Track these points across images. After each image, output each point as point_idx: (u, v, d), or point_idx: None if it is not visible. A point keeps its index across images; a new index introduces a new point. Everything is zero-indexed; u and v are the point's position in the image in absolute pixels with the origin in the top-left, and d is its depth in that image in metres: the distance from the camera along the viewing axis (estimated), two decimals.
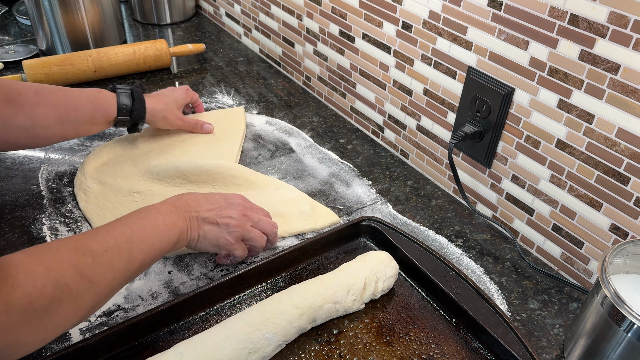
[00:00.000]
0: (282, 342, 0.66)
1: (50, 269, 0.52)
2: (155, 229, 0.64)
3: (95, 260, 0.56)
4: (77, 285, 0.54)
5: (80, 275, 0.55)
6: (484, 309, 0.71)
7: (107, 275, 0.57)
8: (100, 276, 0.57)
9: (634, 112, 0.66)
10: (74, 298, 0.54)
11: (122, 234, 0.60)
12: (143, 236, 0.62)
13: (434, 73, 0.91)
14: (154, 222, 0.65)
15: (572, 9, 0.68)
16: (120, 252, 0.59)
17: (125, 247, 0.60)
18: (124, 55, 1.20)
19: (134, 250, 0.61)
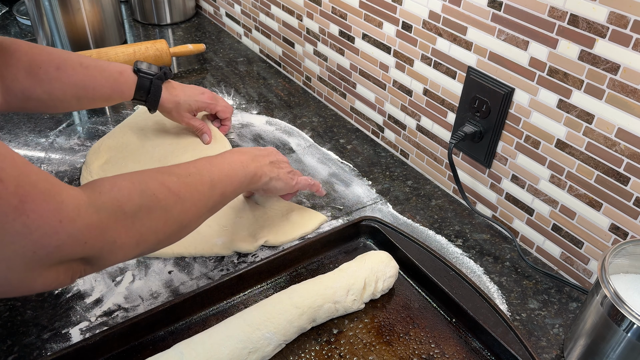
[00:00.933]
0: (282, 341, 0.66)
1: (135, 182, 0.57)
2: (231, 164, 0.70)
3: (180, 180, 0.61)
4: (165, 197, 0.58)
5: (167, 189, 0.59)
6: (484, 309, 0.71)
7: (193, 195, 0.62)
8: (187, 193, 0.61)
9: (633, 112, 0.66)
10: (162, 208, 0.58)
11: (202, 165, 0.66)
12: (222, 168, 0.68)
13: (434, 73, 0.91)
14: (229, 159, 0.71)
15: (572, 9, 0.68)
16: (203, 178, 0.64)
17: (207, 175, 0.65)
18: (124, 55, 1.20)
19: (214, 178, 0.66)
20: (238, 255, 0.80)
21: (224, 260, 0.79)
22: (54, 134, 1.03)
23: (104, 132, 1.05)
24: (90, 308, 0.71)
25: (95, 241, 0.51)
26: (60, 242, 0.48)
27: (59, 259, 0.49)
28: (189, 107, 0.99)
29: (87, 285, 0.74)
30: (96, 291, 0.73)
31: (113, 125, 1.07)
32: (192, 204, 0.62)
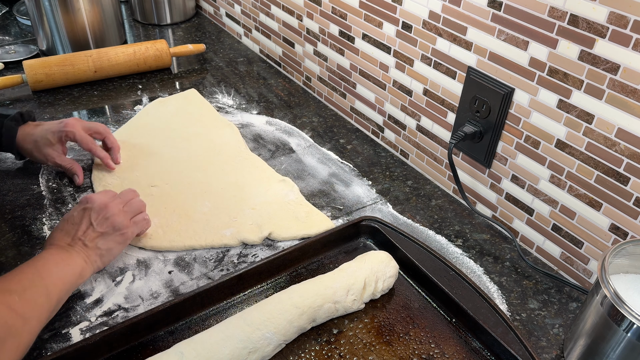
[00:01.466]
0: (282, 341, 0.66)
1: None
2: (57, 265, 0.66)
3: (21, 298, 0.59)
4: (14, 322, 0.56)
5: (14, 312, 0.57)
6: (484, 309, 0.71)
7: (35, 311, 0.60)
8: (30, 312, 0.59)
9: (633, 112, 0.66)
10: (13, 335, 0.56)
11: (31, 274, 0.63)
12: (50, 273, 0.64)
13: (434, 73, 0.91)
14: (52, 260, 0.66)
15: (572, 9, 0.68)
16: (38, 289, 0.61)
17: (40, 284, 0.62)
18: (124, 55, 1.21)
19: (48, 285, 0.63)
20: (238, 255, 0.80)
21: (224, 260, 0.79)
22: None
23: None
24: (91, 308, 0.71)
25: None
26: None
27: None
28: (48, 141, 0.87)
29: (87, 285, 0.74)
30: (96, 291, 0.73)
31: (113, 125, 1.07)
32: (36, 322, 0.60)
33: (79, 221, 0.72)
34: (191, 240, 0.81)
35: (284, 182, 0.93)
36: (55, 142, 0.87)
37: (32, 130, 0.87)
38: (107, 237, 0.72)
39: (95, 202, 0.74)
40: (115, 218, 0.73)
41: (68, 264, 0.67)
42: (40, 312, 0.61)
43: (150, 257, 0.79)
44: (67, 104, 1.13)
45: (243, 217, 0.85)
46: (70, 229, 0.71)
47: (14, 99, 1.13)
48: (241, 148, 1.01)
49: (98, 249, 0.71)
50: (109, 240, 0.73)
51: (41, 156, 0.88)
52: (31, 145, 0.87)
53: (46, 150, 0.87)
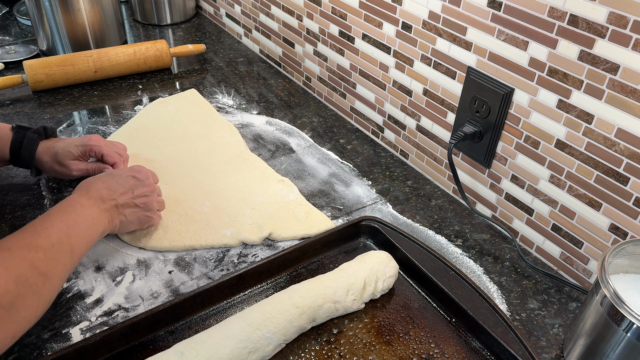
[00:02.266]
0: (282, 341, 0.66)
1: (9, 268, 0.55)
2: (85, 223, 0.68)
3: (46, 255, 0.60)
4: (36, 280, 0.57)
5: (37, 270, 0.58)
6: (484, 309, 0.71)
7: (57, 269, 0.61)
8: (53, 270, 0.60)
9: (633, 112, 0.66)
10: (34, 292, 0.57)
11: (61, 230, 0.64)
12: (78, 231, 0.66)
13: (434, 73, 0.91)
14: (82, 216, 0.68)
15: (572, 9, 0.68)
16: (64, 246, 0.63)
17: (66, 242, 0.63)
18: (124, 55, 1.21)
19: (73, 244, 0.65)
20: (238, 255, 0.80)
21: (224, 260, 0.79)
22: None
23: (104, 132, 1.05)
24: (91, 308, 0.71)
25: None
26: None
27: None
28: (71, 154, 0.85)
29: (88, 285, 0.74)
30: (96, 291, 0.73)
31: (113, 126, 1.07)
32: (58, 279, 0.61)
33: (124, 183, 0.75)
34: (191, 240, 0.81)
35: (283, 183, 0.93)
36: (77, 154, 0.86)
37: (53, 144, 0.86)
38: (137, 211, 0.76)
39: (146, 178, 0.78)
40: (152, 200, 0.78)
41: (95, 223, 0.69)
42: (63, 270, 0.62)
43: (151, 257, 0.79)
44: (67, 104, 1.13)
45: (243, 217, 0.86)
46: (112, 185, 0.74)
47: (14, 99, 1.13)
48: (241, 148, 1.02)
49: (124, 216, 0.74)
50: (135, 214, 0.76)
51: (62, 168, 0.85)
52: (51, 158, 0.85)
53: (67, 162, 0.85)
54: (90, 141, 0.86)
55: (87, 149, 0.86)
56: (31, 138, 0.83)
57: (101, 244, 0.80)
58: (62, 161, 0.85)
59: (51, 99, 1.14)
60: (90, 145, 0.86)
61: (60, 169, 0.85)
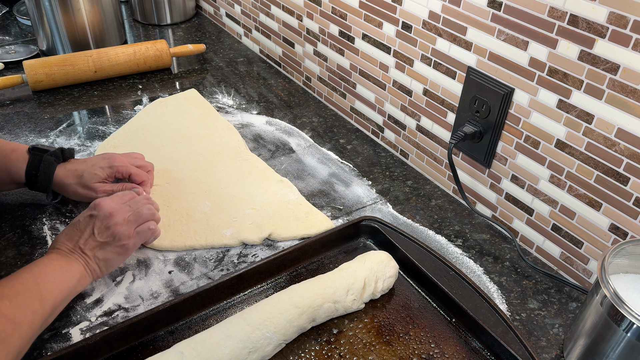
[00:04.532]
0: (282, 341, 0.66)
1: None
2: (55, 271, 0.65)
3: (13, 303, 0.58)
4: (4, 328, 0.56)
5: (4, 317, 0.56)
6: (484, 309, 0.71)
7: (27, 316, 0.59)
8: (21, 317, 0.58)
9: (633, 112, 0.66)
10: (2, 341, 0.55)
11: (26, 281, 0.62)
12: (47, 278, 0.64)
13: (434, 73, 0.91)
14: (51, 267, 0.66)
15: (572, 9, 0.68)
16: (32, 294, 0.61)
17: (34, 289, 0.61)
18: (124, 55, 1.21)
19: (43, 291, 0.62)
20: (238, 255, 0.80)
21: (224, 260, 0.79)
22: (54, 134, 1.03)
23: (104, 132, 1.05)
24: (91, 308, 0.71)
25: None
26: None
27: None
28: (97, 176, 0.82)
29: (88, 286, 0.74)
30: (96, 291, 0.73)
31: (113, 126, 1.07)
32: (28, 327, 0.59)
33: (84, 228, 0.71)
34: (192, 240, 0.81)
35: (282, 183, 0.93)
36: (104, 177, 0.83)
37: (75, 166, 0.83)
38: (107, 248, 0.71)
39: (102, 209, 0.72)
40: (117, 228, 0.71)
41: (67, 270, 0.66)
42: (33, 318, 0.60)
43: (151, 257, 0.79)
44: (67, 104, 1.13)
45: (243, 217, 0.86)
46: (73, 235, 0.70)
47: (14, 99, 1.13)
48: (241, 148, 1.02)
49: (96, 259, 0.70)
50: (107, 251, 0.71)
51: (87, 191, 0.82)
52: (75, 181, 0.81)
53: (93, 184, 0.82)
54: (115, 162, 0.84)
55: (114, 170, 0.83)
56: (48, 161, 0.80)
57: None
58: (87, 184, 0.82)
59: (51, 99, 1.14)
60: (117, 167, 0.83)
61: (85, 191, 0.82)
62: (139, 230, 0.74)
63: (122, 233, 0.71)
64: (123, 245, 0.72)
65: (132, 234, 0.73)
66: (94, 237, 0.70)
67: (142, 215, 0.74)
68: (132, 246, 0.73)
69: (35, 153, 0.81)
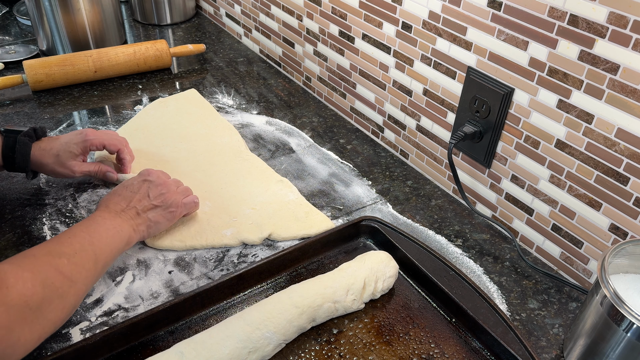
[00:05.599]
0: (282, 341, 0.66)
1: (35, 272, 0.57)
2: (107, 232, 0.69)
3: (70, 261, 0.62)
4: (62, 284, 0.59)
5: (62, 274, 0.60)
6: (484, 309, 0.71)
7: (82, 274, 0.63)
8: (77, 275, 0.62)
9: (633, 112, 0.66)
10: (60, 296, 0.59)
11: (83, 239, 0.66)
12: (100, 239, 0.67)
13: (434, 73, 0.91)
14: (104, 226, 0.69)
15: (572, 9, 0.68)
16: (87, 253, 0.64)
17: (89, 249, 0.65)
18: (124, 55, 1.21)
19: (97, 251, 0.66)
20: (238, 255, 0.80)
21: (224, 260, 0.79)
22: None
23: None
24: (91, 308, 0.71)
25: (1, 342, 0.52)
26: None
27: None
28: (72, 154, 0.85)
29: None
30: (96, 291, 0.73)
31: (113, 126, 1.07)
32: (82, 285, 0.63)
33: (137, 190, 0.76)
34: (192, 240, 0.81)
35: (282, 183, 0.93)
36: (79, 153, 0.86)
37: (50, 145, 0.85)
38: (159, 211, 0.77)
39: (157, 178, 0.79)
40: (170, 195, 0.78)
41: (118, 231, 0.70)
42: (87, 276, 0.63)
43: (151, 257, 0.79)
44: (67, 104, 1.13)
45: (243, 217, 0.86)
46: (128, 195, 0.75)
47: (14, 99, 1.13)
48: (241, 148, 1.02)
49: (148, 220, 0.75)
50: (159, 214, 0.77)
51: (64, 169, 0.85)
52: (52, 160, 0.84)
53: (70, 162, 0.85)
54: (87, 136, 0.87)
55: (87, 144, 0.86)
56: (23, 142, 0.82)
57: None
58: (64, 162, 0.85)
59: (51, 99, 1.14)
60: (89, 141, 0.86)
61: (62, 170, 0.85)
62: (186, 202, 0.81)
63: (173, 201, 0.78)
64: (172, 212, 0.78)
65: (180, 204, 0.80)
66: (149, 199, 0.76)
67: (187, 190, 0.83)
68: (178, 215, 0.80)
69: (8, 135, 0.82)
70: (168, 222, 0.78)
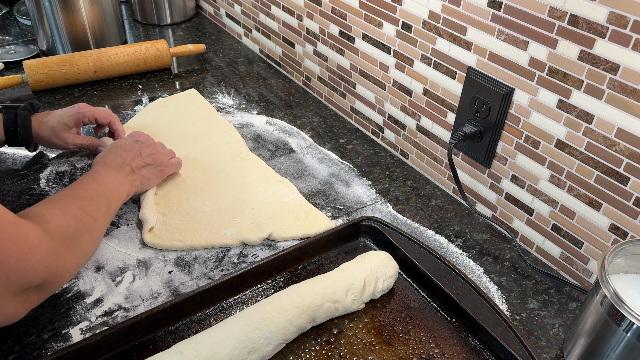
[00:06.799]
0: (282, 341, 0.66)
1: (64, 209, 0.65)
2: (112, 182, 0.77)
3: (90, 203, 0.69)
4: (87, 220, 0.67)
5: (86, 213, 0.67)
6: (484, 309, 0.71)
7: (100, 214, 0.70)
8: (98, 214, 0.70)
9: (633, 112, 0.66)
10: (88, 230, 0.66)
11: (95, 187, 0.73)
12: (108, 187, 0.75)
13: (434, 73, 0.91)
14: (108, 178, 0.77)
15: (572, 9, 0.68)
16: (101, 198, 0.72)
17: (102, 194, 0.73)
18: (124, 55, 1.21)
19: (108, 196, 0.74)
20: (238, 255, 0.80)
21: (224, 260, 0.79)
22: None
23: (104, 132, 1.05)
24: (91, 308, 0.71)
25: (53, 265, 0.58)
26: (30, 268, 0.54)
27: (25, 285, 0.55)
28: (66, 126, 0.91)
29: (88, 285, 0.74)
30: (96, 291, 0.73)
31: None
32: (103, 223, 0.71)
33: (130, 149, 0.83)
34: (192, 240, 0.81)
35: (282, 183, 0.93)
36: (72, 125, 0.92)
37: (46, 117, 0.91)
38: (150, 169, 0.85)
39: (146, 139, 0.87)
40: (159, 155, 0.87)
41: (120, 184, 0.78)
42: (105, 216, 0.72)
43: (151, 257, 0.79)
44: (67, 104, 1.13)
45: (243, 217, 0.86)
46: (122, 154, 0.82)
47: (14, 99, 1.13)
48: (241, 148, 1.02)
49: (142, 176, 0.83)
50: (150, 172, 0.85)
51: (59, 141, 0.92)
52: (48, 132, 0.90)
53: (64, 134, 0.91)
54: (80, 109, 0.93)
55: (80, 116, 0.93)
56: (24, 115, 0.87)
57: (101, 243, 0.80)
58: (59, 134, 0.91)
59: (51, 99, 1.14)
60: (82, 113, 0.93)
61: (57, 141, 0.92)
62: (172, 162, 0.90)
63: (162, 160, 0.88)
64: (161, 170, 0.87)
65: (168, 164, 0.89)
66: (141, 158, 0.84)
67: (172, 152, 0.92)
68: (167, 173, 0.89)
69: (8, 110, 0.87)
70: (157, 179, 0.87)
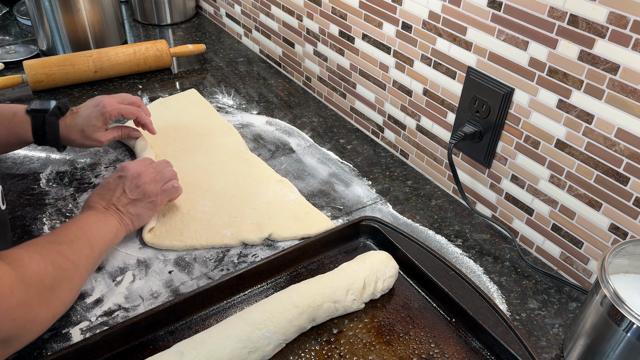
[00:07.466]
0: (282, 341, 0.66)
1: (43, 255, 0.60)
2: (96, 224, 0.72)
3: (70, 247, 0.65)
4: (68, 266, 0.63)
5: (66, 258, 0.63)
6: (484, 309, 0.71)
7: (82, 259, 0.66)
8: (79, 259, 0.65)
9: (633, 112, 0.66)
10: (67, 278, 0.62)
11: (76, 231, 0.69)
12: (91, 229, 0.71)
13: (434, 73, 0.91)
14: (91, 220, 0.72)
15: (572, 9, 0.68)
16: (83, 242, 0.68)
17: (84, 238, 0.68)
18: (124, 55, 1.21)
19: (91, 239, 0.69)
20: (238, 255, 0.80)
21: (224, 260, 0.79)
22: None
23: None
24: (91, 308, 0.71)
25: (22, 318, 0.54)
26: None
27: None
28: (95, 127, 0.90)
29: (88, 285, 0.74)
30: (96, 291, 0.74)
31: None
32: (84, 269, 0.66)
33: (114, 188, 0.78)
34: (192, 240, 0.81)
35: (282, 183, 0.93)
36: (101, 125, 0.91)
37: (73, 121, 0.89)
38: (138, 204, 0.78)
39: (129, 170, 0.80)
40: (146, 186, 0.79)
41: (105, 224, 0.73)
42: (87, 261, 0.67)
43: (151, 257, 0.79)
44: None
45: (243, 217, 0.86)
46: (105, 194, 0.77)
47: (14, 99, 1.13)
48: (241, 148, 1.02)
49: (129, 214, 0.77)
50: (139, 207, 0.78)
51: (92, 142, 0.91)
52: (79, 135, 0.89)
53: (95, 135, 0.90)
54: (105, 108, 0.91)
55: (107, 116, 0.91)
56: (51, 122, 0.87)
57: None
58: (90, 136, 0.90)
59: (51, 99, 1.14)
60: (108, 112, 0.91)
61: (90, 142, 0.91)
62: (165, 189, 0.82)
63: (150, 190, 0.79)
64: (152, 202, 0.79)
65: (159, 192, 0.80)
66: (126, 195, 0.77)
67: (165, 175, 0.83)
68: (160, 202, 0.81)
69: (36, 115, 0.86)
70: (151, 212, 0.80)
